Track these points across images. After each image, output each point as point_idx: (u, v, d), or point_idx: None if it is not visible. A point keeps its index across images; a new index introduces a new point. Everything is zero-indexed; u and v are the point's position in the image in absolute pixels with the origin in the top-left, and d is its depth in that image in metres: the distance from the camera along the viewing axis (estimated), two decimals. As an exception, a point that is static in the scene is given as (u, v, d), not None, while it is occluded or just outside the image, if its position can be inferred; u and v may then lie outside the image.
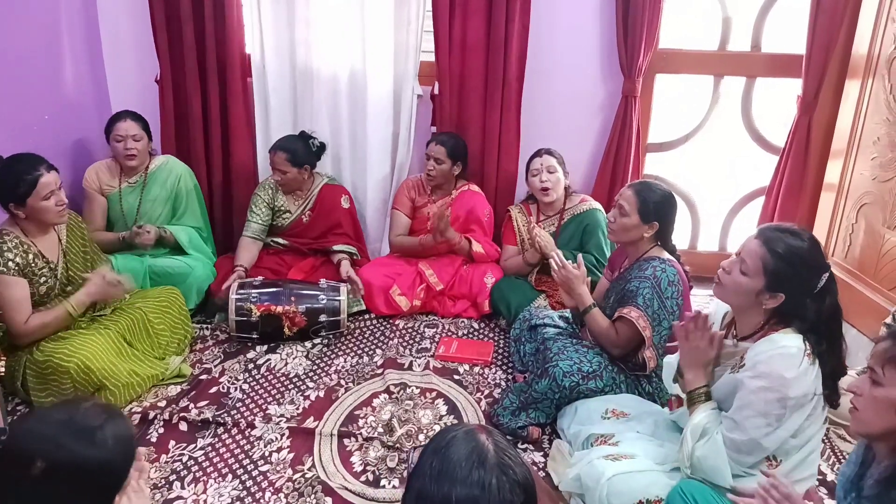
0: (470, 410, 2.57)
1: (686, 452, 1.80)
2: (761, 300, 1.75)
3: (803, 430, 1.73)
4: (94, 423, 1.25)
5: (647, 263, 2.35)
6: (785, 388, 1.66)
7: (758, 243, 1.75)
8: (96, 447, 1.23)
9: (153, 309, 2.74)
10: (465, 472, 1.03)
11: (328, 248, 3.31)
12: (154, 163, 3.17)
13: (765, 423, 1.69)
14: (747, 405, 1.71)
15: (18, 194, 2.34)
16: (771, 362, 1.68)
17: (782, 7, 3.26)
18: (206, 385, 2.67)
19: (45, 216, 2.41)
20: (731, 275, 1.79)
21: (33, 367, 2.38)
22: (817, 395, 1.71)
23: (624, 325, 2.33)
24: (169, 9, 3.23)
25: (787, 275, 1.71)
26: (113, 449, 1.25)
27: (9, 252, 2.35)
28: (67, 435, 1.22)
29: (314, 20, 3.27)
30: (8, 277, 2.34)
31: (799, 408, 1.69)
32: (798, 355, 1.68)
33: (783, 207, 3.30)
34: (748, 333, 1.83)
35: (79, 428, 1.24)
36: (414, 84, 3.33)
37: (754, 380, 1.69)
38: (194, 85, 3.33)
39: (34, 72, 2.97)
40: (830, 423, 2.43)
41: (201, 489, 2.14)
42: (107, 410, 1.30)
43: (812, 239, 1.75)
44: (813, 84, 3.11)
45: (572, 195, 3.27)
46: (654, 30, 3.15)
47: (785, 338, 1.71)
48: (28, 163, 2.37)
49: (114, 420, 1.29)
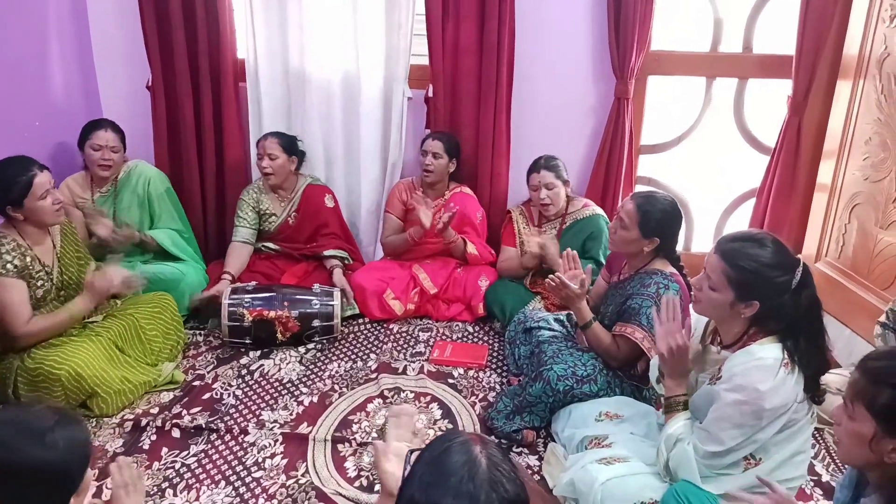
0: (464, 414, 2.56)
1: (662, 462, 1.83)
2: (738, 310, 1.74)
3: (785, 430, 1.73)
4: (45, 425, 1.26)
5: (649, 278, 2.33)
6: (760, 400, 1.65)
7: (716, 258, 1.75)
8: (46, 448, 1.24)
9: (145, 315, 2.72)
10: (454, 485, 1.02)
11: (319, 254, 3.31)
12: (123, 170, 3.12)
13: (740, 433, 1.70)
14: (723, 417, 1.71)
15: (14, 196, 2.35)
16: (746, 374, 1.68)
17: (774, 8, 3.27)
18: (199, 391, 2.66)
19: (42, 216, 2.41)
20: (703, 291, 1.79)
21: (24, 375, 2.36)
22: (797, 402, 1.70)
23: (626, 342, 2.32)
24: (160, 14, 3.22)
25: (753, 283, 1.70)
26: (64, 450, 1.26)
27: (7, 255, 2.36)
28: (16, 435, 1.24)
29: (307, 24, 3.27)
30: (7, 279, 2.35)
31: (776, 418, 1.69)
32: (774, 366, 1.67)
33: (774, 208, 3.30)
34: (731, 342, 1.83)
35: (29, 429, 1.25)
36: (404, 87, 3.33)
37: (730, 393, 1.69)
38: (186, 90, 3.32)
39: (24, 77, 2.96)
40: (824, 423, 2.43)
41: (194, 496, 2.13)
42: (59, 413, 1.31)
43: (774, 241, 1.73)
44: (803, 84, 3.12)
45: (574, 200, 3.25)
46: (645, 31, 3.15)
47: (762, 349, 1.71)
48: (20, 165, 2.38)
49: (66, 422, 1.30)
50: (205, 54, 3.27)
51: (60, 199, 2.45)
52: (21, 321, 2.37)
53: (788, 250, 1.74)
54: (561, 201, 3.16)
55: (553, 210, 3.16)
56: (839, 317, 2.97)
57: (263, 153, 3.16)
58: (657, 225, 2.32)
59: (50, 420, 1.28)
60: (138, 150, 3.31)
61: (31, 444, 1.24)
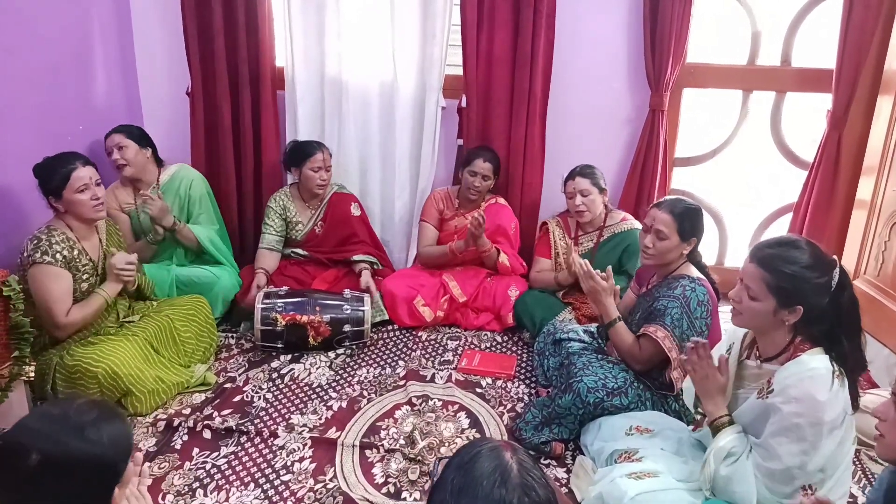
0: (492, 424, 2.55)
1: (709, 474, 1.78)
2: (781, 317, 1.72)
3: (837, 450, 1.69)
4: (87, 419, 1.30)
5: (676, 282, 2.33)
6: (819, 411, 1.63)
7: (753, 266, 1.73)
8: (89, 442, 1.27)
9: (180, 317, 2.78)
10: (486, 490, 1.02)
11: (348, 259, 3.34)
12: (165, 173, 3.19)
13: (799, 449, 1.66)
14: (781, 432, 1.67)
15: (53, 187, 2.43)
16: (802, 385, 1.65)
17: (813, 21, 3.23)
18: (231, 393, 2.70)
19: (80, 210, 2.48)
20: (743, 303, 1.77)
21: (63, 371, 2.42)
22: (847, 414, 1.68)
23: (648, 343, 2.30)
24: (201, 21, 3.29)
25: (795, 287, 1.68)
26: (106, 444, 1.29)
27: (57, 245, 2.43)
28: (61, 430, 1.27)
29: (344, 32, 3.32)
30: (56, 269, 2.42)
31: (833, 430, 1.66)
32: (828, 377, 1.65)
33: (812, 223, 3.25)
34: (773, 354, 1.80)
35: (72, 423, 1.28)
36: (439, 96, 3.35)
37: (787, 405, 1.66)
38: (225, 97, 3.38)
39: (68, 83, 3.04)
40: (861, 444, 2.38)
41: (224, 497, 2.15)
42: (100, 407, 1.35)
43: (808, 243, 1.72)
44: (843, 99, 3.07)
45: (612, 212, 3.22)
46: (681, 44, 3.14)
47: (813, 359, 1.68)
48: (64, 158, 2.48)
49: (107, 416, 1.33)
50: (244, 61, 3.33)
51: (99, 196, 2.51)
52: (62, 311, 2.44)
53: (823, 251, 1.73)
54: (597, 209, 3.13)
55: (588, 217, 3.13)
56: (877, 335, 2.91)
57: (322, 168, 3.21)
58: (692, 225, 2.34)
59: (91, 414, 1.31)
60: (177, 155, 3.38)
61: (74, 438, 1.27)
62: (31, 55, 2.79)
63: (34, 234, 2.46)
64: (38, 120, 2.84)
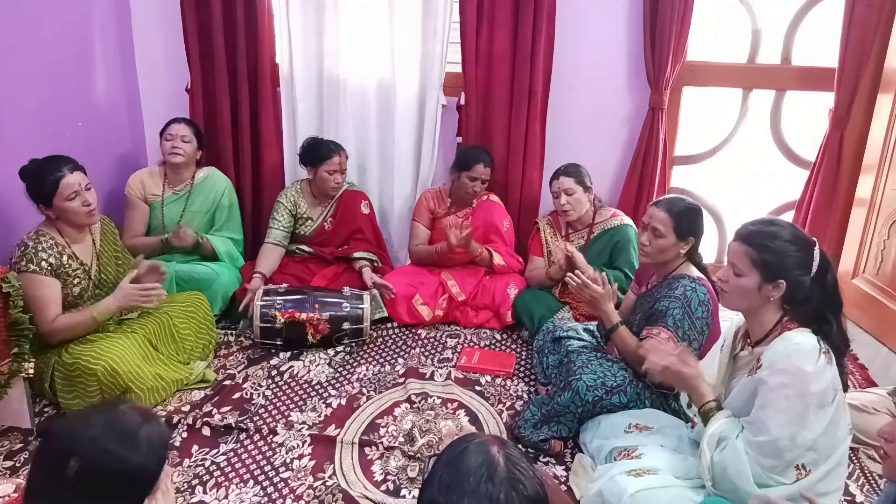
0: (491, 422, 2.55)
1: (706, 463, 1.79)
2: (766, 293, 1.77)
3: (829, 431, 1.71)
4: (133, 427, 1.26)
5: (676, 282, 2.33)
6: (805, 382, 1.66)
7: (738, 244, 1.82)
8: (133, 450, 1.24)
9: (179, 314, 2.77)
10: (473, 486, 1.02)
11: (350, 256, 3.34)
12: (199, 174, 3.24)
13: (787, 420, 1.68)
14: (768, 403, 1.70)
15: (43, 195, 2.39)
16: (789, 358, 1.69)
17: (813, 20, 3.22)
18: (230, 391, 2.69)
19: (72, 217, 2.44)
20: (730, 282, 1.83)
21: (61, 370, 2.41)
22: (837, 392, 1.71)
23: None
24: (201, 18, 3.29)
25: (777, 261, 1.74)
26: (148, 452, 1.26)
27: (43, 252, 2.40)
28: (107, 437, 1.23)
29: (343, 30, 3.31)
30: (40, 277, 2.39)
31: (821, 407, 1.69)
32: (814, 352, 1.69)
33: (813, 222, 3.25)
34: (762, 336, 1.84)
35: (118, 431, 1.24)
36: (439, 94, 3.35)
37: (773, 376, 1.70)
38: (224, 94, 3.38)
39: (67, 79, 3.03)
40: (860, 443, 2.39)
41: (223, 494, 2.15)
42: (143, 414, 1.30)
43: (788, 223, 1.82)
44: (845, 98, 3.07)
45: (602, 209, 3.22)
46: (681, 42, 3.13)
47: (799, 335, 1.73)
48: (53, 164, 2.40)
49: (150, 423, 1.29)
50: (243, 58, 3.33)
51: (90, 202, 2.45)
52: (47, 318, 2.39)
53: (803, 231, 1.82)
54: (582, 207, 3.13)
55: (574, 216, 3.13)
56: (876, 335, 2.91)
57: (337, 171, 3.21)
58: (689, 224, 2.34)
59: (136, 421, 1.27)
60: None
61: (120, 446, 1.23)
62: (31, 52, 2.79)
63: (22, 239, 2.41)
64: (37, 116, 2.83)
